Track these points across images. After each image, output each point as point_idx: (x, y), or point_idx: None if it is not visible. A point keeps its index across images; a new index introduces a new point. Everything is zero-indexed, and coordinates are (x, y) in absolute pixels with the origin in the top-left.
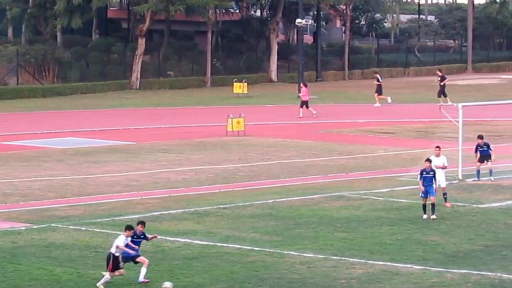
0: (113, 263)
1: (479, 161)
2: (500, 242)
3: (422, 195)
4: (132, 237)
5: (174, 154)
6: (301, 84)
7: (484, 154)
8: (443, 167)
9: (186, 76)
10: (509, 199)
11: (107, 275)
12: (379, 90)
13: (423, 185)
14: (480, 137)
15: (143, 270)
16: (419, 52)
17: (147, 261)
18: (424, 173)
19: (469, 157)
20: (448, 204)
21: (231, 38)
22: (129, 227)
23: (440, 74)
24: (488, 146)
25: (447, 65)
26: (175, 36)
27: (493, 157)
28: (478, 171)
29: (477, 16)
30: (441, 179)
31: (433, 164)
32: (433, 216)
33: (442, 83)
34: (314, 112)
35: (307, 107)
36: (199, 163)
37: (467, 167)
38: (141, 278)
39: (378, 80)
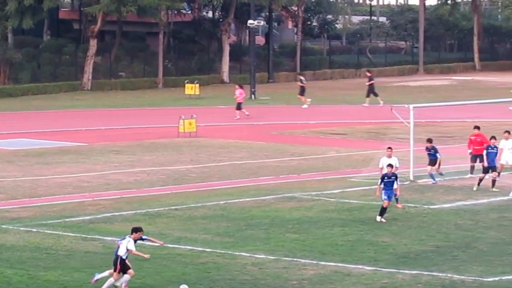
0: (121, 266)
1: (429, 164)
2: (450, 243)
3: (385, 197)
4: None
5: (125, 155)
6: (236, 86)
7: (432, 158)
8: (395, 168)
9: (138, 77)
10: (460, 200)
11: (111, 279)
12: (302, 92)
13: (384, 189)
14: (429, 140)
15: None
16: (371, 53)
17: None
18: (386, 178)
19: (420, 158)
20: (399, 205)
21: (183, 39)
22: (139, 229)
23: (369, 74)
24: (436, 151)
25: (398, 66)
26: (126, 37)
27: (438, 162)
28: (432, 175)
29: (428, 17)
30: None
31: (385, 165)
32: (382, 220)
33: (369, 84)
34: (247, 113)
35: (240, 108)
36: (150, 164)
37: (418, 168)
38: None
39: (301, 82)
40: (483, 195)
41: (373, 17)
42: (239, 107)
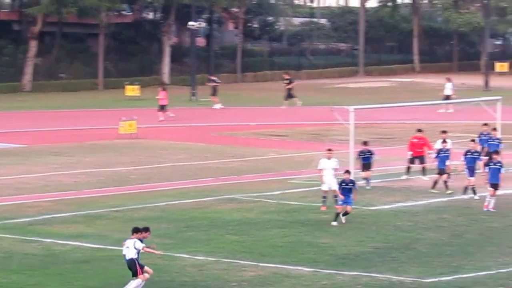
0: (140, 266)
1: (364, 169)
2: (390, 244)
3: (340, 202)
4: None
5: (65, 157)
6: (160, 88)
7: (365, 161)
8: (336, 170)
9: (78, 78)
10: (399, 201)
11: (138, 281)
12: (214, 92)
13: (342, 194)
14: (365, 143)
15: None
16: (312, 55)
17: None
18: (343, 184)
19: None
20: (338, 207)
21: (123, 40)
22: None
23: (287, 77)
24: (372, 153)
25: (339, 68)
26: (67, 39)
27: (372, 166)
28: (368, 179)
29: (368, 19)
30: (332, 182)
31: (325, 166)
32: (334, 223)
33: (288, 86)
34: (171, 115)
35: (164, 110)
36: (91, 166)
37: (358, 169)
38: None
39: (214, 82)
40: (422, 196)
41: (313, 19)
42: (162, 108)
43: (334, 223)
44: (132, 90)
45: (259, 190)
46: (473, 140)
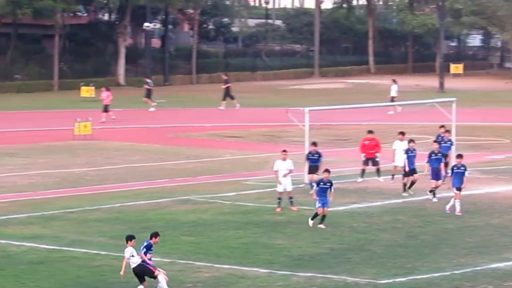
0: (150, 265)
1: (310, 172)
2: (345, 245)
3: (319, 205)
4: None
5: (20, 158)
6: (103, 89)
7: (313, 164)
8: (289, 172)
9: (33, 79)
10: (354, 202)
11: (161, 277)
12: (148, 95)
13: (317, 195)
14: (314, 143)
15: None
16: (267, 57)
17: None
18: (321, 183)
19: None
20: (294, 208)
21: (79, 41)
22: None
23: (225, 77)
24: (320, 155)
25: (294, 69)
26: (22, 39)
27: (320, 169)
28: (312, 183)
29: (324, 21)
30: (287, 183)
31: (280, 167)
32: (322, 226)
33: (225, 86)
34: (113, 117)
35: (107, 111)
36: (46, 167)
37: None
38: None
39: (148, 85)
40: (377, 197)
41: (269, 20)
42: (105, 109)
43: (311, 222)
44: (87, 91)
45: (214, 192)
46: (436, 141)
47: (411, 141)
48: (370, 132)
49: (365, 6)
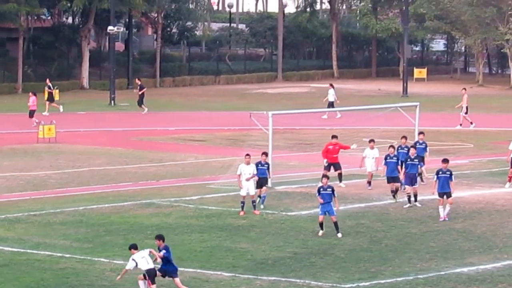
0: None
1: (257, 186)
2: (308, 249)
3: (321, 213)
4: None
5: None
6: (30, 93)
7: (261, 175)
8: (252, 176)
9: None
10: (317, 207)
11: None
12: (50, 98)
13: (322, 198)
14: (265, 153)
15: None
16: (230, 61)
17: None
18: (322, 190)
19: (278, 165)
20: (256, 212)
21: (42, 45)
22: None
23: (139, 83)
24: (268, 166)
25: (257, 73)
26: None
27: (268, 184)
28: (263, 197)
29: (287, 25)
30: (250, 187)
31: (244, 171)
32: (339, 235)
33: (140, 92)
34: (37, 121)
35: (32, 116)
36: (9, 170)
37: (276, 175)
38: None
39: (49, 88)
40: (340, 202)
41: (232, 24)
42: (31, 114)
43: (340, 235)
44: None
45: (178, 195)
46: (413, 147)
47: (391, 146)
48: (334, 136)
49: (328, 11)
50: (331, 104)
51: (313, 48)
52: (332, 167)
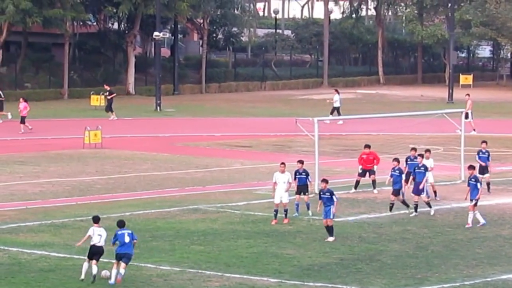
0: None
1: (298, 192)
2: (355, 255)
3: (322, 217)
4: None
5: (30, 166)
6: (21, 99)
7: (300, 183)
8: (289, 186)
9: (43, 88)
10: (363, 213)
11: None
12: (0, 107)
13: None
14: (300, 161)
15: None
16: (276, 67)
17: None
18: (321, 193)
19: (325, 171)
20: (286, 221)
21: (88, 50)
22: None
23: (108, 88)
24: (307, 174)
25: (303, 79)
26: (32, 48)
27: (310, 189)
28: (298, 204)
29: (333, 31)
30: (283, 195)
31: (279, 180)
32: (328, 239)
33: (109, 97)
34: (30, 127)
35: (23, 122)
36: (56, 175)
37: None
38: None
39: (0, 96)
40: (386, 208)
41: (278, 30)
42: (23, 121)
43: (331, 239)
44: (97, 100)
45: (224, 201)
46: (421, 155)
47: (395, 160)
48: (367, 146)
49: (374, 17)
50: (336, 110)
51: (359, 54)
52: (367, 173)
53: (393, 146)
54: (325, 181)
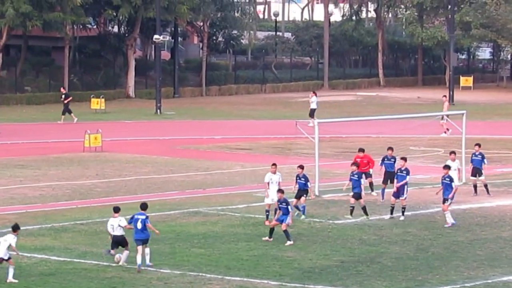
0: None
1: (297, 196)
2: (355, 257)
3: (276, 219)
4: None
5: (30, 170)
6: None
7: (300, 188)
8: (279, 184)
9: (44, 91)
10: (364, 215)
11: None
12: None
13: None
14: (300, 167)
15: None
16: (276, 69)
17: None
18: (278, 203)
19: (325, 174)
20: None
21: (88, 53)
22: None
23: (63, 91)
24: (307, 179)
25: (303, 81)
26: (32, 52)
27: (310, 193)
28: (298, 207)
29: (333, 33)
30: (275, 196)
31: (271, 180)
32: (267, 238)
33: (65, 101)
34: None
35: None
36: (56, 178)
37: (323, 183)
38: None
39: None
40: (386, 210)
41: (278, 33)
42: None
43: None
44: (97, 103)
45: (224, 204)
46: (403, 158)
47: (403, 159)
48: (361, 150)
49: (374, 19)
50: (312, 112)
51: (359, 57)
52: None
53: (394, 148)
54: (280, 191)
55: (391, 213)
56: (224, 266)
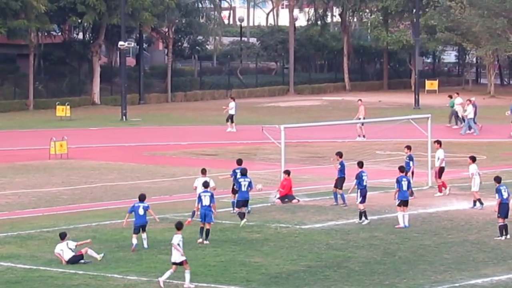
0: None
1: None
2: (322, 262)
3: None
4: None
5: None
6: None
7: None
8: (213, 189)
9: (8, 99)
10: (331, 219)
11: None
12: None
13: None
14: (238, 161)
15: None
16: (242, 74)
17: None
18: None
19: (292, 179)
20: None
21: (53, 61)
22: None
23: None
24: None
25: (269, 87)
26: None
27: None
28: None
29: (298, 38)
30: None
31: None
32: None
33: None
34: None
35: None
36: (22, 186)
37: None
38: None
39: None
40: (353, 215)
41: (243, 38)
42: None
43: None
44: (62, 111)
45: (191, 210)
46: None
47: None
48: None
49: (339, 23)
50: (230, 118)
51: (325, 61)
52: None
53: (358, 152)
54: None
55: (366, 218)
56: (192, 272)
